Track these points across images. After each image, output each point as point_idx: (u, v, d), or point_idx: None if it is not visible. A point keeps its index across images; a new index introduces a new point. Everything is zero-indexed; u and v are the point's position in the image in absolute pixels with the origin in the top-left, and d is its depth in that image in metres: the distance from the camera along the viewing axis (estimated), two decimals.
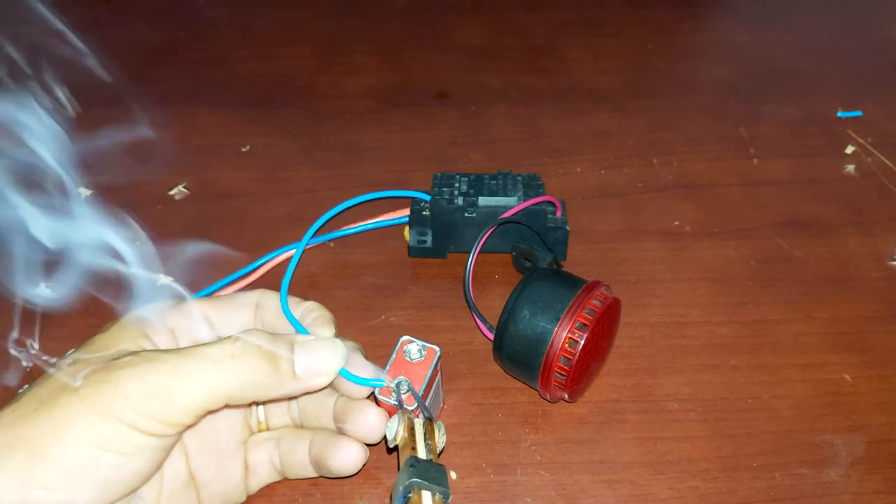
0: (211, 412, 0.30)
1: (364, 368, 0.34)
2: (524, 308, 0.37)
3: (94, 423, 0.27)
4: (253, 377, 0.30)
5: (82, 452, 0.27)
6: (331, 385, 0.33)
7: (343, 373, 0.33)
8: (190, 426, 0.30)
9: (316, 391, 0.33)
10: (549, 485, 0.37)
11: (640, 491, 0.36)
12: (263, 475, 0.36)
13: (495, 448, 0.38)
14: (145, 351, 0.30)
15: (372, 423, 0.33)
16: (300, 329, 0.34)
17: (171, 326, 0.33)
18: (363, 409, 0.34)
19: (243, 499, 0.35)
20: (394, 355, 0.36)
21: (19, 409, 0.28)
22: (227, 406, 0.30)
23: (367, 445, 0.35)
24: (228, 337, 0.31)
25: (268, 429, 0.36)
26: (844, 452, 0.38)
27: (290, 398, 0.36)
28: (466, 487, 0.36)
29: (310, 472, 0.35)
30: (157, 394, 0.28)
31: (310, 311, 0.35)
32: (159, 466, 0.30)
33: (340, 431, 0.35)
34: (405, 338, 0.36)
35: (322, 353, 0.32)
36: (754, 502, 0.36)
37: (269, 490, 0.36)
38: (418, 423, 0.32)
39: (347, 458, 0.34)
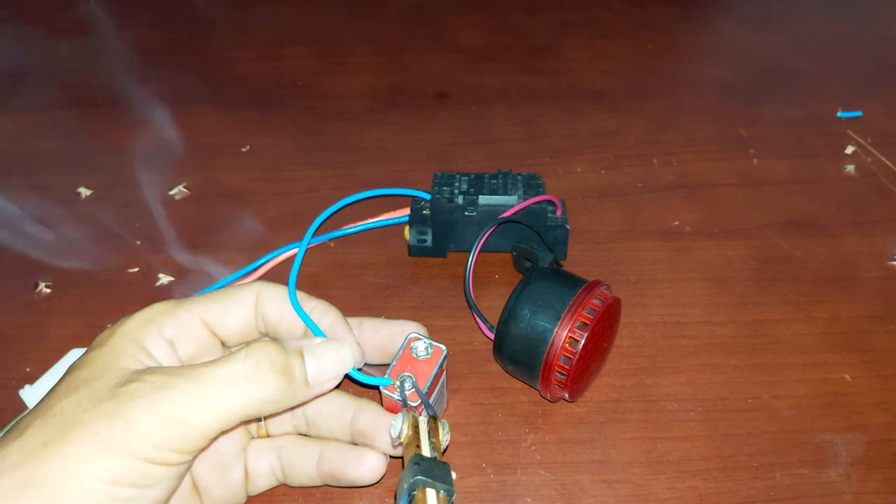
0: (226, 432, 0.29)
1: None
2: (524, 307, 0.37)
3: (109, 460, 0.26)
4: (269, 394, 0.29)
5: (99, 491, 0.26)
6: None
7: (353, 373, 0.33)
8: (205, 449, 0.30)
9: (325, 394, 0.33)
10: (550, 484, 0.37)
11: (640, 491, 0.36)
12: (262, 483, 0.35)
13: (495, 448, 0.38)
14: (151, 373, 0.29)
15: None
16: (315, 329, 0.33)
17: (168, 337, 0.32)
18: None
19: (244, 502, 0.35)
20: (400, 351, 0.36)
21: (25, 446, 0.27)
22: (242, 424, 0.30)
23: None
24: (238, 351, 0.30)
25: (267, 435, 0.36)
26: (844, 452, 0.38)
27: (300, 405, 0.35)
28: (466, 487, 0.36)
29: (313, 482, 0.35)
30: (170, 425, 0.27)
31: (323, 315, 0.34)
32: (175, 490, 0.30)
33: (362, 445, 0.35)
34: (413, 334, 0.36)
35: (332, 356, 0.32)
36: (754, 502, 0.36)
37: (269, 490, 0.36)
38: (422, 421, 0.32)
39: (370, 468, 0.34)
